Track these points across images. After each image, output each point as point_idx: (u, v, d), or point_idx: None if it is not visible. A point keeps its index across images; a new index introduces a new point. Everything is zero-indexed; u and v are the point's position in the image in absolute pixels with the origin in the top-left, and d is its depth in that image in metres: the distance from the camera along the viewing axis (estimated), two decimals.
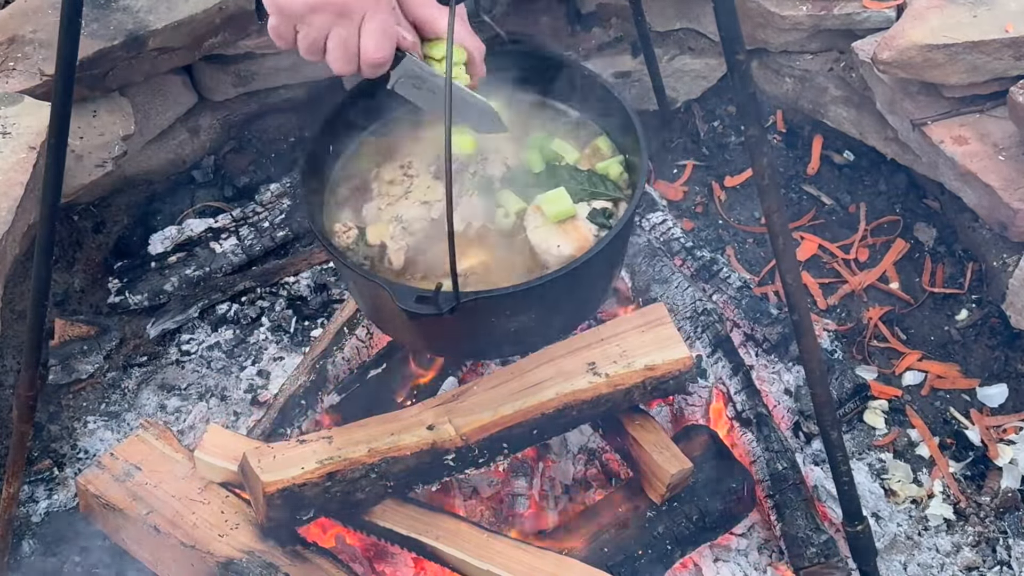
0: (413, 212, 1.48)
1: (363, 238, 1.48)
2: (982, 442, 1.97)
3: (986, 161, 1.96)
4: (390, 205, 1.50)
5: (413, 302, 1.28)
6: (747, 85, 1.31)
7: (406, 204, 1.50)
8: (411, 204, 1.49)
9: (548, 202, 1.46)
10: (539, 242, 1.45)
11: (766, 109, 2.49)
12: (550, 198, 1.46)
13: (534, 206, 1.48)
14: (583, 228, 1.45)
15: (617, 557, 1.62)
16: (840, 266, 2.27)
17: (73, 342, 2.10)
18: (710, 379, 1.92)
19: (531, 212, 1.48)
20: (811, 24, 2.26)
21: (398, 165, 1.55)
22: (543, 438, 1.65)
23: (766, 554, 1.82)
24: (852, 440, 1.99)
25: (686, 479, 1.65)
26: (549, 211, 1.45)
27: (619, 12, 2.40)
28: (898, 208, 2.34)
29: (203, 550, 1.54)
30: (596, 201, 1.49)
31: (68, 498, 1.92)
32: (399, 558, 1.72)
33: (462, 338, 1.49)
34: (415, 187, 1.51)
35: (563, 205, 1.45)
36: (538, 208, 1.47)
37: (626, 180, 1.53)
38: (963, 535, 1.87)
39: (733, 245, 2.32)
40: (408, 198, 1.50)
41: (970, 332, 2.13)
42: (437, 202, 1.47)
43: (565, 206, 1.45)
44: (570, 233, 1.45)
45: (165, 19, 2.10)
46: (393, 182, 1.53)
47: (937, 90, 2.05)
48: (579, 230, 1.45)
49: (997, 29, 1.94)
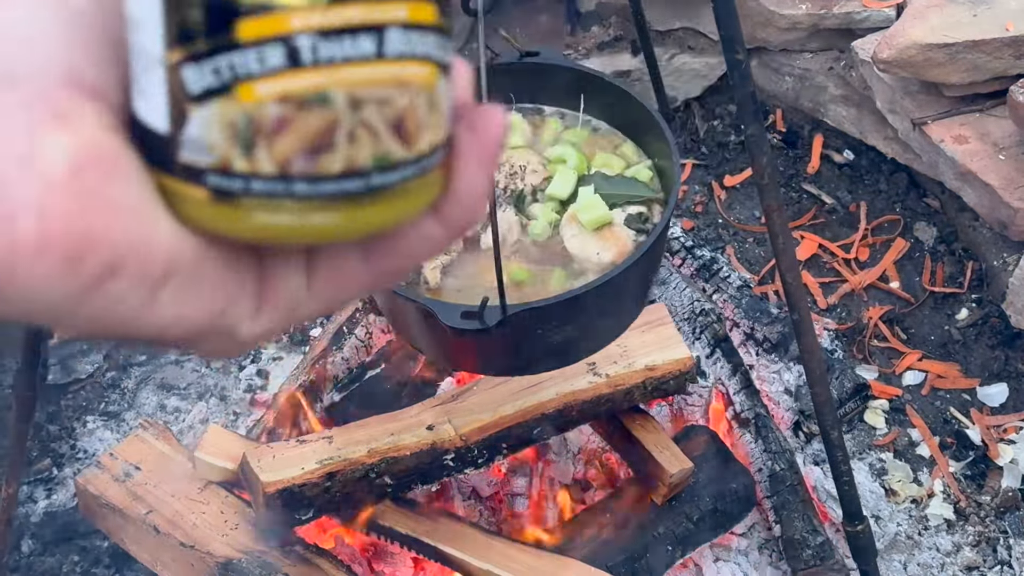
0: None
1: None
2: (982, 442, 1.97)
3: (986, 160, 1.96)
4: None
5: (459, 318, 1.25)
6: (747, 84, 1.30)
7: None
8: None
9: (584, 210, 1.44)
10: (578, 251, 1.44)
11: (766, 108, 2.49)
12: (586, 206, 1.45)
13: (570, 215, 1.47)
14: (621, 234, 1.44)
15: (617, 557, 1.62)
16: (840, 265, 2.26)
17: (72, 341, 2.10)
18: (710, 379, 1.92)
19: (567, 222, 1.47)
20: (811, 23, 2.26)
21: None
22: (543, 438, 1.65)
23: (766, 554, 1.81)
24: (852, 440, 1.99)
25: (686, 479, 1.65)
26: (586, 219, 1.44)
27: (618, 11, 2.40)
28: (898, 207, 2.34)
29: (202, 550, 1.54)
30: (630, 207, 1.48)
31: (67, 498, 1.92)
32: (398, 558, 1.72)
33: (506, 353, 1.47)
34: None
35: (599, 211, 1.44)
36: (574, 217, 1.46)
37: (658, 183, 1.52)
38: (963, 535, 1.87)
39: (733, 244, 2.32)
40: None
41: (970, 331, 2.13)
42: None
43: (601, 212, 1.44)
44: (608, 240, 1.43)
45: None
46: None
47: (937, 89, 2.05)
48: (617, 236, 1.44)
49: (997, 28, 1.94)
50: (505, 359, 1.52)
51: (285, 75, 0.33)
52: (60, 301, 0.33)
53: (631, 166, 1.53)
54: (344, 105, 0.34)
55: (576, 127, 1.56)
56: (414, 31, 0.35)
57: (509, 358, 1.52)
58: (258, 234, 0.35)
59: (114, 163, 0.34)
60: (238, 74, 0.33)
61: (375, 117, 0.35)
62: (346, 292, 0.40)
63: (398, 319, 1.50)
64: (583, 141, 1.53)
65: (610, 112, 1.58)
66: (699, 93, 2.51)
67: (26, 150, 0.32)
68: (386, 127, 0.35)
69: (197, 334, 0.37)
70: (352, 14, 0.33)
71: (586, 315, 1.40)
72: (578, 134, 1.53)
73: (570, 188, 1.46)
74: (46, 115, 0.33)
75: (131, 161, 0.34)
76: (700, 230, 2.34)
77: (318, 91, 0.34)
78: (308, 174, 0.34)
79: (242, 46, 0.33)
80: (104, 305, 0.34)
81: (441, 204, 0.39)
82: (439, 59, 0.37)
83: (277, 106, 0.33)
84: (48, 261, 0.32)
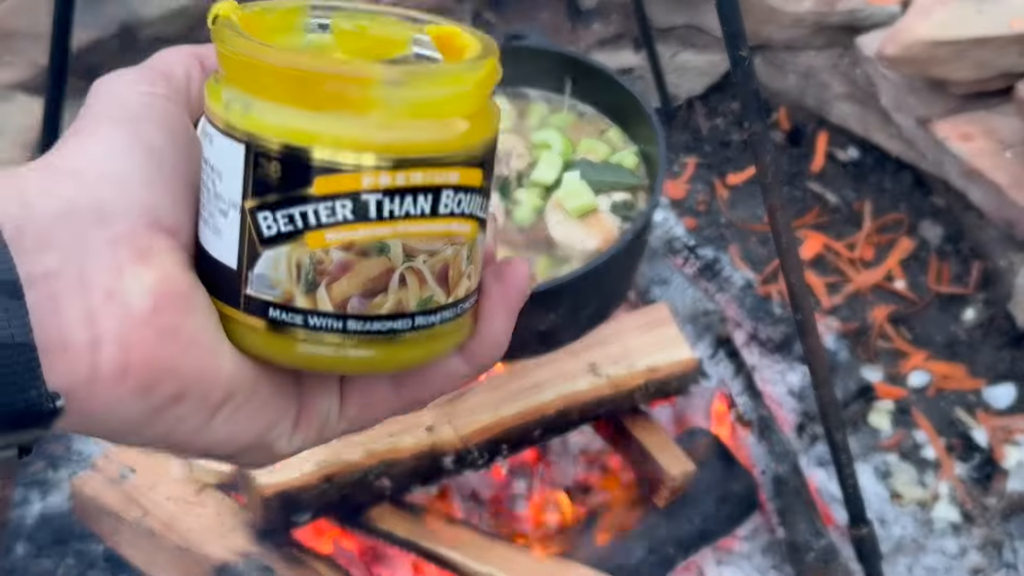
0: None
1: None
2: (989, 444, 1.96)
3: (992, 158, 1.94)
4: None
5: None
6: (750, 82, 1.28)
7: None
8: None
9: (569, 196, 1.43)
10: (562, 238, 1.42)
11: (769, 106, 2.48)
12: (571, 192, 1.43)
13: (555, 202, 1.45)
14: (606, 221, 1.42)
15: (618, 560, 1.61)
16: (845, 265, 2.25)
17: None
18: (712, 380, 1.91)
19: (551, 208, 1.45)
20: (814, 20, 2.24)
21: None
22: (543, 440, 1.63)
23: (770, 557, 1.80)
24: (857, 442, 1.98)
25: (688, 481, 1.64)
26: (571, 206, 1.42)
27: (620, 8, 2.38)
28: (903, 206, 2.32)
29: (198, 553, 1.53)
30: (616, 193, 1.46)
31: (62, 501, 1.90)
32: (397, 561, 1.71)
33: None
34: None
35: (585, 198, 1.42)
36: (559, 203, 1.44)
37: (643, 170, 1.49)
38: (969, 538, 1.86)
39: (736, 244, 2.30)
40: None
41: (976, 332, 2.11)
42: None
43: (587, 199, 1.42)
44: (593, 227, 1.42)
45: (158, 9, 2.09)
46: None
47: (943, 86, 2.03)
48: (602, 223, 1.42)
49: (1003, 25, 1.92)
50: None
51: (350, 226, 0.37)
52: (130, 421, 0.37)
53: (617, 152, 1.51)
54: (399, 255, 0.38)
55: (562, 111, 1.54)
56: (463, 192, 0.39)
57: None
58: (306, 363, 0.39)
59: (188, 300, 0.38)
60: (308, 223, 0.37)
61: (424, 266, 0.39)
62: (374, 417, 0.44)
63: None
64: (569, 126, 1.51)
65: (596, 97, 1.56)
66: (702, 91, 2.50)
67: (113, 285, 0.36)
68: (432, 275, 0.39)
69: (242, 450, 0.41)
70: (413, 176, 0.37)
71: (571, 302, 1.38)
72: (564, 119, 1.52)
73: (555, 174, 1.44)
74: (131, 253, 0.37)
75: (202, 296, 0.39)
76: (703, 229, 2.33)
77: (378, 241, 0.38)
78: (361, 314, 0.38)
79: (315, 199, 0.37)
80: (168, 425, 0.38)
81: (468, 344, 0.43)
82: (480, 216, 0.41)
83: (340, 252, 0.38)
84: (125, 387, 0.36)
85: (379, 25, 0.41)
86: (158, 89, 0.41)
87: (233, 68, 0.38)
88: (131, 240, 0.36)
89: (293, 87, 0.36)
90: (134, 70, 0.41)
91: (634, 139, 1.53)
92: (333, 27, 0.42)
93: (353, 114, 0.36)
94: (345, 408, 0.43)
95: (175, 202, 0.39)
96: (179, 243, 0.38)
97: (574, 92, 1.57)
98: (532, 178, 1.48)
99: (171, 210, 0.38)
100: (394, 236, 0.38)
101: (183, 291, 0.37)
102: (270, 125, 0.37)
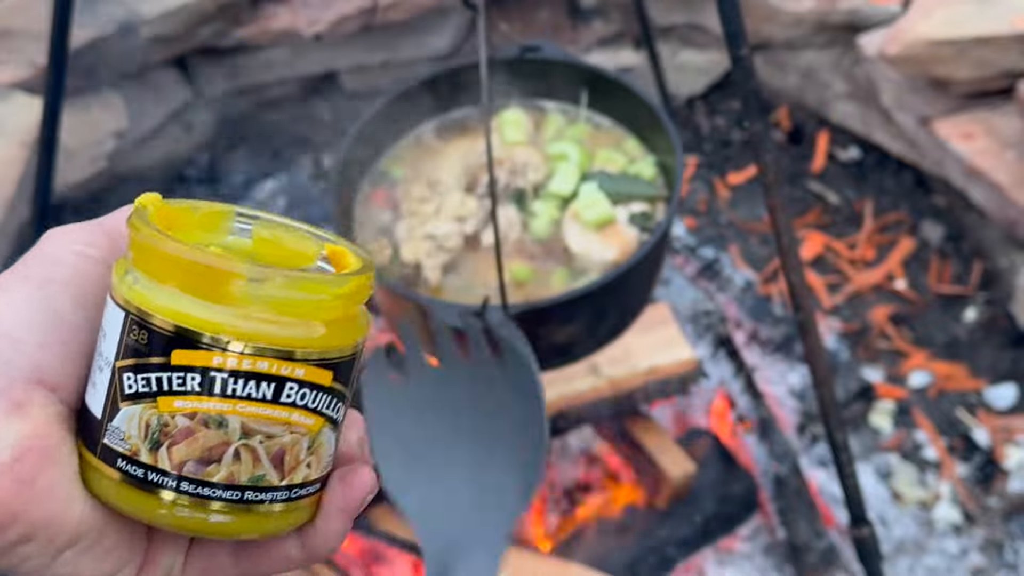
0: (446, 228, 1.44)
1: (398, 257, 1.45)
2: (990, 444, 1.95)
3: (994, 158, 1.94)
4: (422, 223, 1.47)
5: (458, 317, 1.23)
6: (750, 81, 1.28)
7: (438, 221, 1.46)
8: (443, 220, 1.46)
9: (586, 208, 1.42)
10: (580, 249, 1.41)
11: (770, 105, 2.47)
12: (588, 203, 1.42)
13: (572, 213, 1.44)
14: (624, 232, 1.42)
15: (619, 561, 1.61)
16: (845, 264, 2.24)
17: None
18: (713, 381, 1.91)
19: (569, 219, 1.44)
20: (815, 19, 2.24)
21: (425, 182, 1.52)
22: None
23: (770, 558, 1.80)
24: (858, 442, 1.97)
25: (689, 482, 1.64)
26: (588, 217, 1.41)
27: (620, 6, 2.37)
28: (904, 206, 2.32)
29: None
30: (634, 204, 1.45)
31: None
32: (397, 561, 1.70)
33: None
34: (446, 203, 1.48)
35: (602, 209, 1.41)
36: (576, 215, 1.43)
37: (661, 181, 1.49)
38: (970, 538, 1.85)
39: (737, 243, 2.30)
40: (439, 215, 1.47)
41: (978, 332, 2.11)
42: (470, 217, 1.44)
43: (604, 210, 1.41)
44: (611, 238, 1.41)
45: (157, 7, 2.08)
46: (423, 199, 1.50)
47: (944, 86, 2.03)
48: (620, 234, 1.41)
49: (1005, 23, 1.91)
50: None
51: (197, 397, 0.42)
52: None
53: (634, 163, 1.50)
54: (237, 430, 0.42)
55: (578, 123, 1.54)
56: (308, 388, 0.43)
57: None
58: (143, 515, 0.43)
59: (49, 453, 0.42)
60: (162, 388, 0.42)
61: (260, 446, 0.43)
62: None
63: (397, 318, 1.48)
64: (585, 137, 1.51)
65: (613, 108, 1.55)
66: (702, 90, 2.49)
67: None
68: (267, 456, 0.43)
69: None
70: (259, 364, 0.42)
71: (589, 314, 1.37)
72: (580, 130, 1.51)
73: (572, 185, 1.44)
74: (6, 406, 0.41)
75: (65, 448, 0.43)
76: (703, 229, 2.32)
77: (219, 415, 0.42)
78: (195, 478, 0.42)
79: (170, 368, 0.42)
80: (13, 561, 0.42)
81: (306, 532, 0.46)
82: (327, 414, 0.44)
83: (185, 419, 0.42)
84: None
85: (293, 238, 0.46)
86: (93, 251, 0.45)
87: (135, 248, 0.43)
88: (8, 394, 0.41)
89: (175, 272, 0.42)
90: (82, 226, 0.46)
91: (652, 150, 1.52)
92: (253, 233, 0.46)
93: (218, 302, 0.41)
94: (188, 567, 0.46)
95: (64, 362, 0.43)
96: (58, 398, 0.43)
97: (590, 103, 1.56)
98: (549, 189, 1.47)
99: (58, 369, 0.43)
100: (233, 413, 0.42)
101: (47, 444, 0.41)
102: (148, 299, 0.42)
